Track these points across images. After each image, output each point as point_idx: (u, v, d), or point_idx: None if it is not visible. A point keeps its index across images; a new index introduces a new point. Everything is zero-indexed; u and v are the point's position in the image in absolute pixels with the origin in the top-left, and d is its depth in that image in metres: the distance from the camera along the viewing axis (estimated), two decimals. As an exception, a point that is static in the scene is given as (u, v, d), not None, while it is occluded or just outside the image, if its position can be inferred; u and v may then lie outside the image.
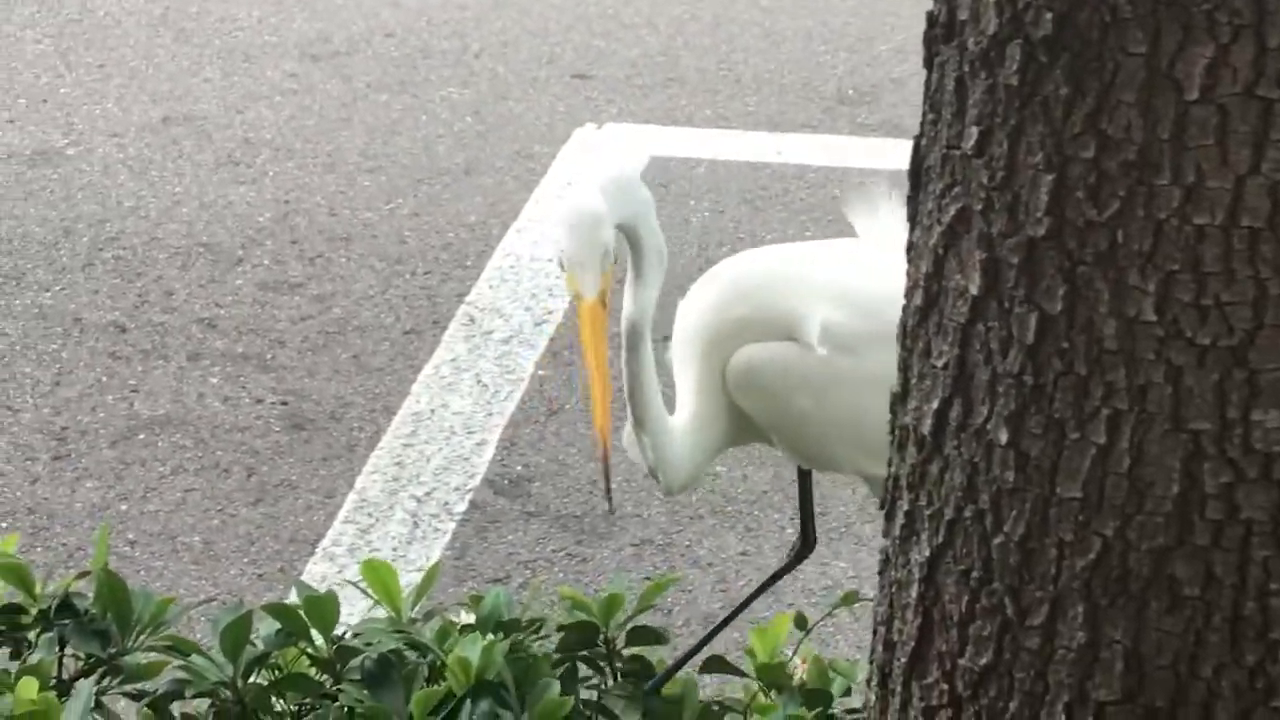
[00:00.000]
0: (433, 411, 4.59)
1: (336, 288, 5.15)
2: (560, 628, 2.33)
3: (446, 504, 4.23)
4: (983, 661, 1.60)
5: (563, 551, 4.08)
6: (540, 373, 4.77)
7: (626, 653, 2.37)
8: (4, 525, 3.96)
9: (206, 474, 4.32)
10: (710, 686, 2.66)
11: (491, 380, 4.74)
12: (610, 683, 2.36)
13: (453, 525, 4.13)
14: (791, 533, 4.05)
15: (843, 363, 2.23)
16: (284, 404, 4.61)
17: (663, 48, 6.78)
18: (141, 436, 4.45)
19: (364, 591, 2.35)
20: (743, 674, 2.42)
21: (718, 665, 2.47)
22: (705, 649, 2.54)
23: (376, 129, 6.12)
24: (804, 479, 2.65)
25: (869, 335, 2.19)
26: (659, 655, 2.45)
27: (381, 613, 2.33)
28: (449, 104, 6.32)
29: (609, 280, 2.13)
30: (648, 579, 3.46)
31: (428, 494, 4.26)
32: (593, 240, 2.12)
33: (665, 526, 4.13)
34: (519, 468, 4.38)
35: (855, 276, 2.33)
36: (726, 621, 2.68)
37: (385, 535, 4.02)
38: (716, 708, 2.39)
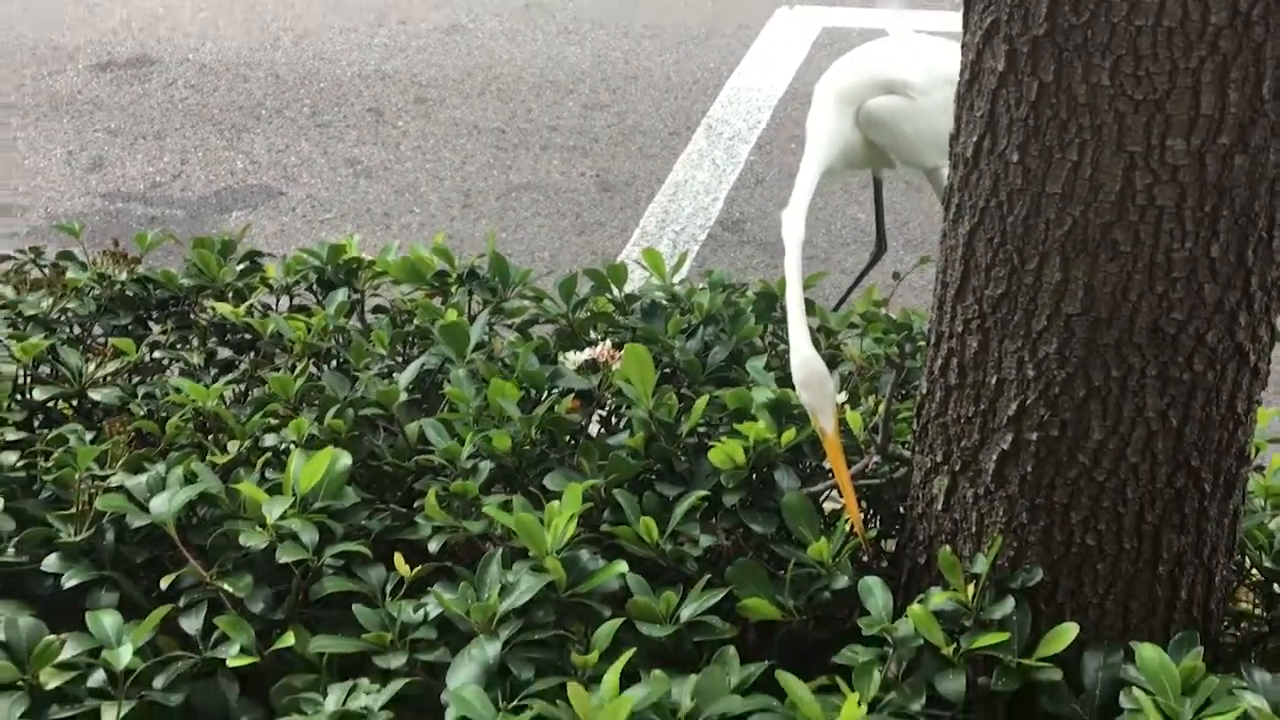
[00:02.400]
0: (686, 181, 4.63)
1: (628, 107, 5.17)
2: (754, 294, 2.33)
3: (694, 235, 4.29)
4: (999, 291, 1.60)
5: (762, 264, 4.13)
6: (751, 159, 4.77)
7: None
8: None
9: (552, 217, 4.42)
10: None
11: (721, 162, 4.76)
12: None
13: (696, 247, 4.20)
14: (904, 254, 4.09)
15: (922, 101, 2.19)
16: (597, 176, 4.68)
17: (832, -43, 6.63)
18: (514, 194, 4.56)
19: (643, 266, 2.41)
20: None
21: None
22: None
23: (653, 11, 6.07)
24: (878, 196, 2.58)
25: (932, 83, 2.16)
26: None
27: (655, 281, 2.38)
28: (698, -5, 6.27)
29: (839, 416, 1.84)
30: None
31: (682, 229, 4.33)
32: (825, 393, 1.81)
33: (827, 250, 4.18)
34: (737, 215, 4.42)
35: (914, 52, 2.29)
36: (845, 296, 2.67)
37: (657, 252, 4.10)
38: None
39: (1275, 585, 1.85)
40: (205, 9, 6.19)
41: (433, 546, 1.71)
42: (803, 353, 1.85)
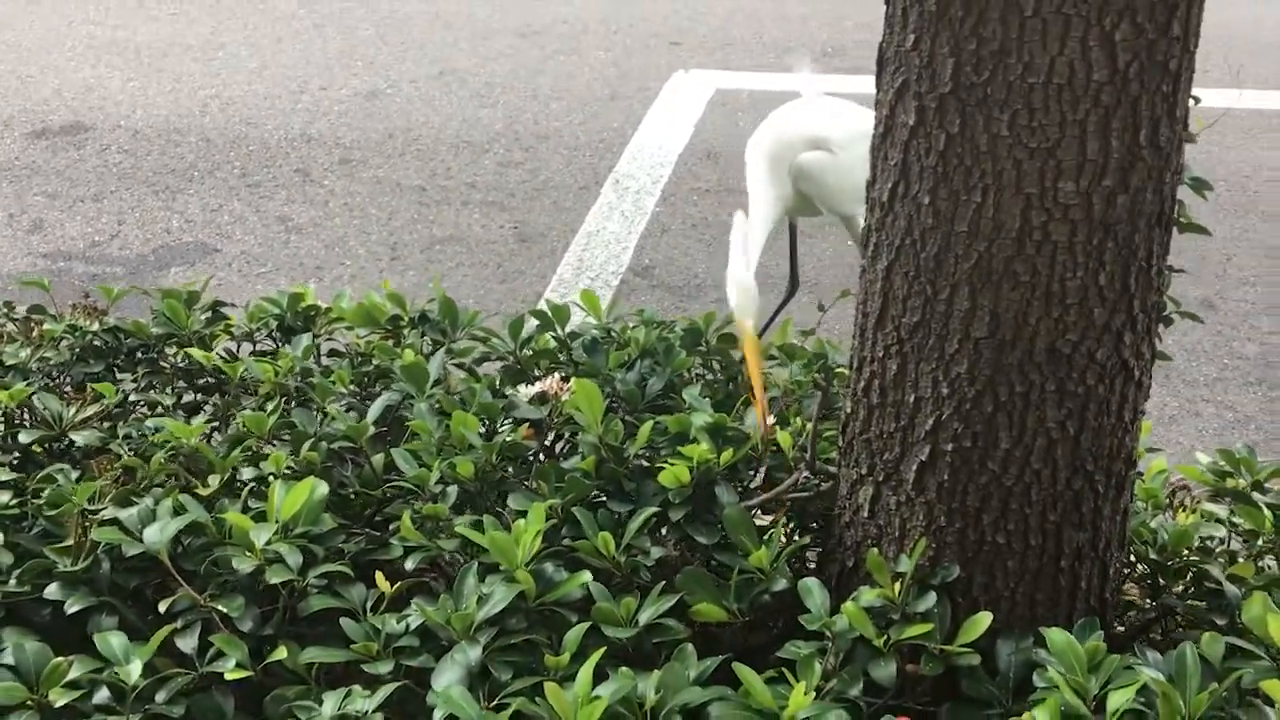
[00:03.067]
0: (598, 231, 4.68)
1: (540, 164, 5.21)
2: (682, 330, 2.37)
3: (607, 281, 4.34)
4: (915, 319, 1.68)
5: (672, 306, 4.18)
6: (657, 209, 4.83)
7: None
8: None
9: (475, 267, 4.43)
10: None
11: (630, 214, 4.81)
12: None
13: (610, 292, 4.24)
14: (805, 294, 4.19)
15: (843, 155, 2.25)
16: (515, 228, 4.71)
17: (721, 25, 6.73)
18: (438, 247, 4.57)
19: (581, 307, 2.45)
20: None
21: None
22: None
23: (559, 75, 6.12)
24: (792, 239, 2.63)
25: (850, 138, 2.23)
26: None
27: (591, 320, 2.43)
28: (600, 61, 6.30)
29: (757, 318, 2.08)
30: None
31: (597, 275, 4.38)
32: (750, 298, 2.07)
33: (730, 292, 4.26)
34: (646, 261, 4.47)
35: (831, 112, 2.36)
36: (762, 332, 2.71)
37: (584, 299, 4.12)
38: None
39: (1159, 577, 1.95)
40: (134, 79, 6.15)
41: (410, 564, 1.75)
42: (739, 272, 2.10)
